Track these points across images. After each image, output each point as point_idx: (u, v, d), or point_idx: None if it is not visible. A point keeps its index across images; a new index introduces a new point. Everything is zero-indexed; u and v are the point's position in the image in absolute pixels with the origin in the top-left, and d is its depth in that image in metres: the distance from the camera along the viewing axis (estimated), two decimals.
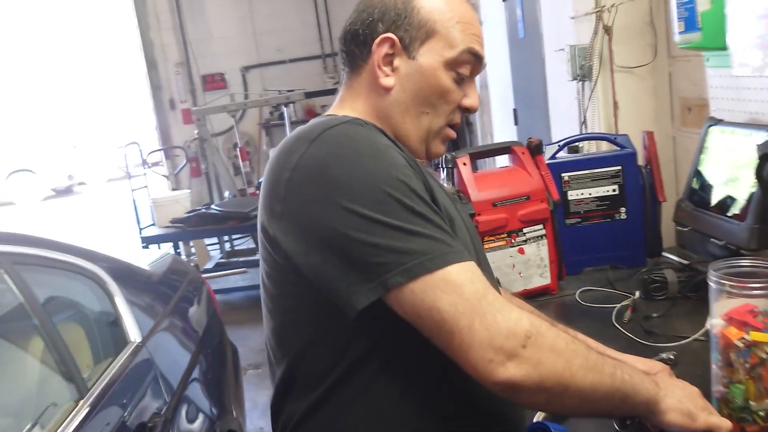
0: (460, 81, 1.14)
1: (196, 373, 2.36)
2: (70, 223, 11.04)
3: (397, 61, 1.12)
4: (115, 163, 13.23)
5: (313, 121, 1.07)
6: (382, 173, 0.97)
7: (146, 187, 6.37)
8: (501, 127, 5.70)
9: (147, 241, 5.41)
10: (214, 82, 9.04)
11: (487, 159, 3.26)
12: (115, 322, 2.02)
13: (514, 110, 5.02)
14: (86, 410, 1.60)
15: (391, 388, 1.03)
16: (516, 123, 5.03)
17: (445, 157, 1.98)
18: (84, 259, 2.00)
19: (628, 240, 2.12)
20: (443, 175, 1.99)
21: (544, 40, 3.71)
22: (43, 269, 1.82)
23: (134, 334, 2.04)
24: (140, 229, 5.72)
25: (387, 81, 1.13)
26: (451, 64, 1.12)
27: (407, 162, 1.02)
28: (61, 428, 1.50)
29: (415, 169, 1.03)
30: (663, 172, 2.14)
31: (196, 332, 2.61)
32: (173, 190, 7.88)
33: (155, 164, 8.82)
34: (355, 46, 1.15)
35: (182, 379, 2.18)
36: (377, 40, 1.12)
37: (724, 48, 1.64)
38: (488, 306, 0.93)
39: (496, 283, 1.89)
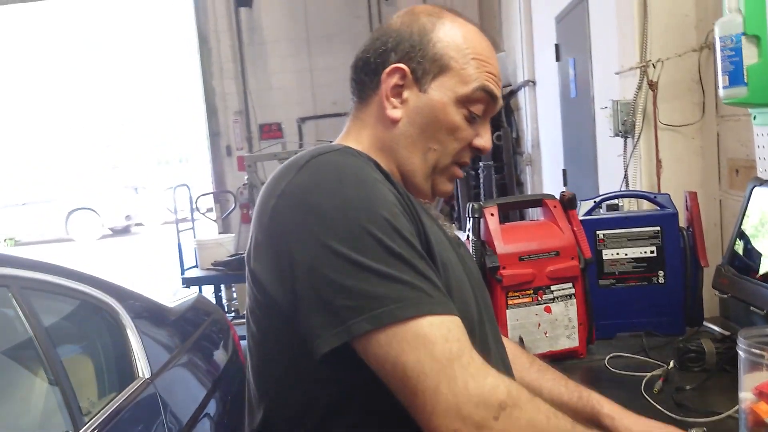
0: (472, 120, 1.09)
1: (209, 412, 2.29)
2: (119, 261, 11.28)
3: (406, 93, 1.07)
4: (167, 206, 13.55)
5: (306, 150, 1.03)
6: (363, 207, 0.91)
7: (192, 229, 6.44)
8: (550, 189, 5.59)
9: (188, 282, 5.44)
10: (271, 131, 9.21)
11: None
12: (125, 357, 1.98)
13: (564, 171, 4.92)
14: None
15: None
16: (565, 184, 4.93)
17: (472, 206, 1.91)
18: (98, 290, 1.97)
19: (666, 306, 1.98)
20: (469, 224, 1.90)
21: (594, 97, 3.64)
22: (55, 296, 1.80)
23: (143, 370, 1.99)
24: (182, 270, 5.76)
25: (394, 113, 1.08)
26: (463, 101, 1.07)
27: (397, 199, 0.95)
28: None
29: (407, 208, 0.96)
30: (707, 237, 2.02)
31: (214, 372, 2.55)
32: (221, 234, 7.97)
33: (209, 210, 8.96)
34: (365, 75, 1.11)
35: (192, 416, 2.12)
36: (387, 70, 1.07)
37: None
38: (460, 369, 0.84)
39: (518, 341, 1.81)
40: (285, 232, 0.92)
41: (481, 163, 6.48)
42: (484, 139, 1.11)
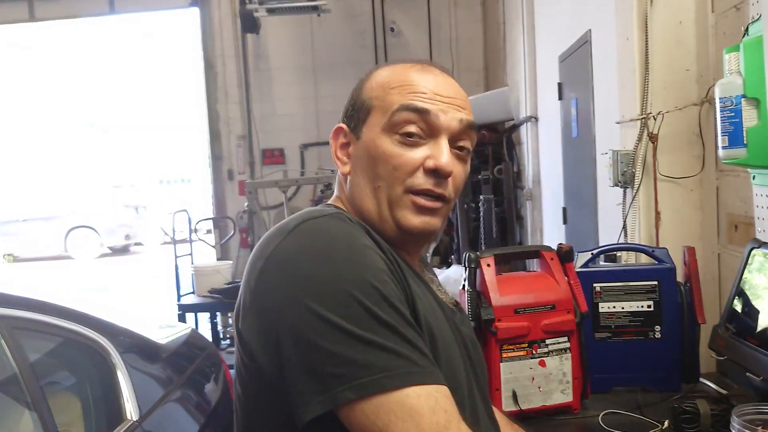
0: (414, 143, 1.05)
1: None
2: (117, 281, 11.24)
3: (351, 148, 1.11)
4: (164, 228, 13.56)
5: (297, 213, 1.03)
6: (352, 274, 0.90)
7: (190, 254, 6.43)
8: (550, 225, 5.58)
9: (183, 309, 5.41)
10: (273, 156, 9.23)
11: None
12: (114, 398, 1.95)
13: (564, 209, 4.92)
14: None
15: None
16: (565, 222, 4.92)
17: (469, 256, 1.90)
18: (90, 329, 1.96)
19: (662, 362, 1.96)
20: (465, 274, 1.89)
21: (596, 139, 3.64)
22: (45, 336, 1.79)
23: (131, 412, 1.97)
24: (179, 296, 5.73)
25: (344, 168, 1.11)
26: (389, 128, 1.05)
27: (387, 266, 0.95)
28: None
29: (396, 274, 0.96)
30: (705, 292, 2.00)
31: (206, 407, 2.53)
32: (219, 259, 7.94)
33: (207, 232, 8.95)
34: None
35: None
36: (332, 133, 1.13)
37: None
38: None
39: (511, 395, 1.79)
40: (272, 297, 0.92)
41: (481, 197, 6.48)
42: (435, 159, 1.04)
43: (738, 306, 1.74)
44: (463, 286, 1.87)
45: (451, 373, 0.99)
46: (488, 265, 1.88)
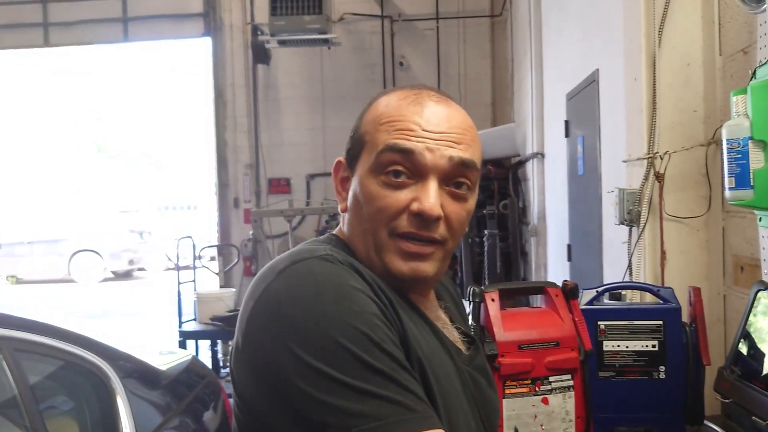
0: (400, 184, 0.98)
1: None
2: (118, 306, 11.21)
3: (350, 183, 1.05)
4: (168, 254, 13.57)
5: (291, 250, 1.00)
6: (338, 321, 0.86)
7: (194, 281, 6.42)
8: (555, 261, 5.57)
9: (185, 336, 5.40)
10: (279, 186, 9.26)
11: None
12: (112, 423, 1.94)
13: (569, 246, 4.91)
14: None
15: None
16: (569, 259, 4.91)
17: (473, 290, 1.89)
18: (92, 353, 1.95)
19: (667, 402, 1.94)
20: (469, 309, 1.88)
21: (602, 177, 3.65)
22: (45, 358, 1.78)
23: None
24: (180, 322, 5.71)
25: (341, 205, 1.07)
26: (375, 169, 0.99)
27: (379, 308, 0.91)
28: None
29: (390, 317, 0.92)
30: (711, 333, 1.99)
31: None
32: (222, 287, 7.93)
33: (211, 259, 8.95)
34: None
35: None
36: (333, 166, 1.09)
37: None
38: None
39: None
40: (261, 342, 0.90)
41: (486, 231, 6.48)
42: (420, 201, 0.97)
43: (743, 348, 1.72)
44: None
45: (448, 417, 0.96)
46: (492, 299, 1.87)
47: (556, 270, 5.36)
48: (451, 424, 0.96)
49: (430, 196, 0.97)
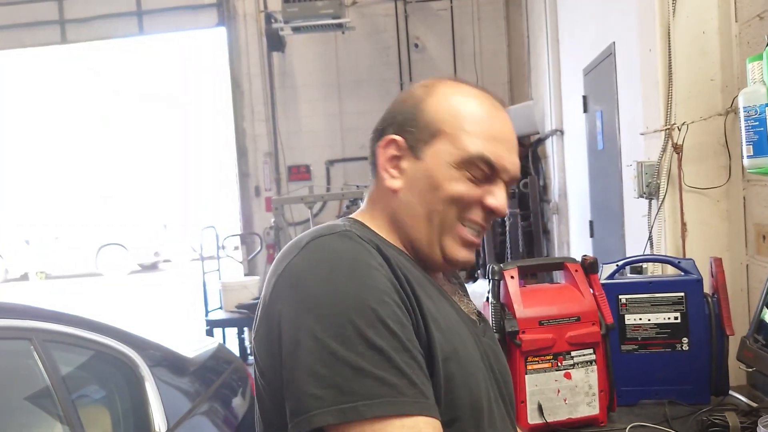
0: (477, 181, 1.06)
1: None
2: (146, 298, 11.37)
3: (404, 164, 1.07)
4: (192, 245, 13.70)
5: (314, 228, 1.04)
6: (351, 296, 0.89)
7: (218, 270, 6.49)
8: (577, 238, 5.55)
9: (211, 324, 5.46)
10: (299, 173, 9.30)
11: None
12: (142, 409, 1.98)
13: (591, 222, 4.89)
14: None
15: None
16: (592, 235, 4.89)
17: (492, 268, 1.90)
18: (119, 342, 1.99)
19: (690, 374, 1.94)
20: (489, 286, 1.89)
21: (621, 151, 3.63)
22: (76, 349, 1.82)
23: (160, 424, 1.99)
24: (206, 312, 5.79)
25: (393, 183, 1.08)
26: (461, 165, 1.05)
27: (393, 285, 0.94)
28: None
29: (403, 294, 0.94)
30: (733, 302, 1.98)
31: (233, 421, 2.55)
32: (246, 275, 8.00)
33: (235, 248, 9.03)
34: (373, 152, 1.13)
35: None
36: (382, 143, 1.09)
37: None
38: None
39: (536, 408, 1.78)
40: (279, 314, 0.93)
41: (507, 211, 6.46)
42: (497, 199, 1.06)
43: (766, 317, 1.71)
44: (487, 298, 1.88)
45: (469, 387, 0.99)
46: (512, 277, 1.88)
47: (579, 247, 5.34)
48: (472, 393, 0.99)
49: (503, 198, 1.08)
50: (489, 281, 1.90)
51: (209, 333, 5.48)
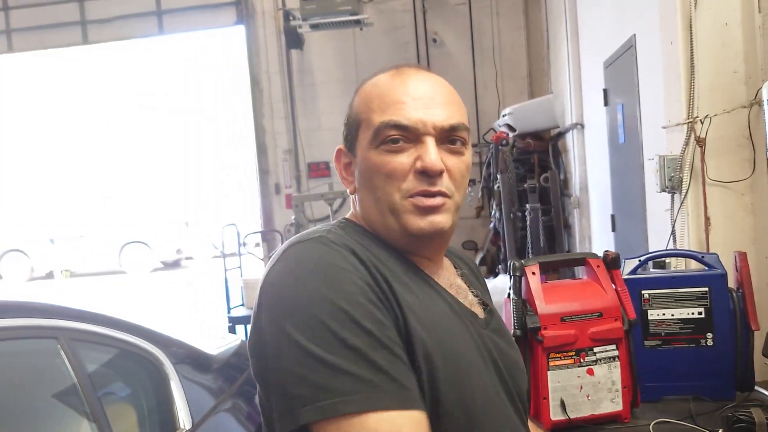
0: (399, 149, 1.06)
1: None
2: (169, 295, 11.47)
3: (352, 166, 1.14)
4: (214, 242, 13.79)
5: (294, 236, 1.09)
6: (323, 299, 0.93)
7: (240, 267, 6.53)
8: (599, 233, 5.51)
9: (233, 321, 5.50)
10: (319, 170, 9.32)
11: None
12: (167, 406, 2.01)
13: (612, 216, 4.85)
14: None
15: None
16: (614, 229, 4.85)
17: (513, 264, 1.89)
18: (144, 340, 2.02)
19: (715, 370, 1.92)
20: (510, 282, 1.89)
21: (643, 145, 3.59)
22: (101, 347, 1.85)
23: (184, 421, 2.01)
24: (228, 309, 5.83)
25: (350, 187, 1.15)
26: (375, 142, 1.08)
27: (370, 286, 0.97)
28: None
29: (380, 294, 0.97)
30: (759, 297, 1.96)
31: (257, 417, 2.57)
32: None
33: (256, 245, 9.08)
34: None
35: None
36: (334, 156, 1.17)
37: None
38: None
39: (559, 404, 1.77)
40: (260, 324, 0.98)
41: (528, 205, 6.43)
42: (424, 160, 1.05)
43: None
44: (509, 294, 1.87)
45: (457, 380, 1.00)
46: (533, 273, 1.87)
47: (601, 241, 5.30)
48: (461, 387, 1.00)
49: (431, 153, 1.06)
50: (510, 277, 1.90)
51: (231, 330, 5.52)
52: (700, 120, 2.25)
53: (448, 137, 1.08)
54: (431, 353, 0.98)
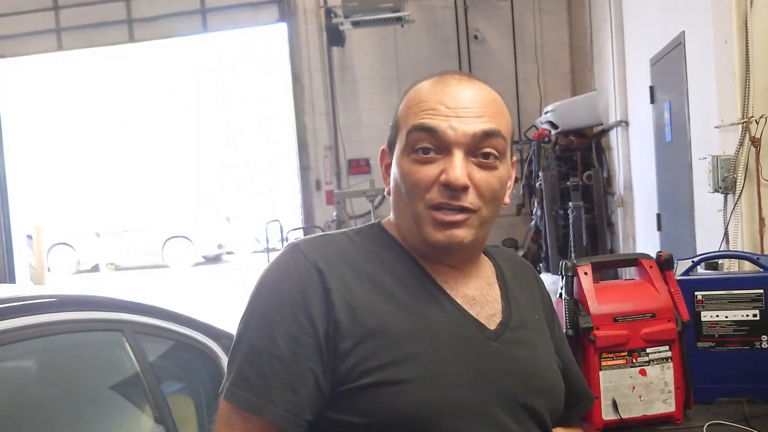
0: (428, 160, 1.07)
1: None
2: (211, 288, 11.65)
3: (391, 168, 1.15)
4: (257, 237, 13.94)
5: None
6: (262, 305, 1.06)
7: None
8: (643, 232, 5.45)
9: None
10: (359, 166, 9.37)
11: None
12: None
13: (658, 215, 4.80)
14: None
15: None
16: (659, 229, 4.80)
17: (565, 264, 1.90)
18: (201, 333, 2.07)
19: None
20: (561, 282, 1.89)
21: (691, 143, 3.55)
22: (160, 339, 1.91)
23: None
24: None
25: (386, 188, 1.17)
26: (406, 149, 1.09)
27: (306, 299, 1.03)
28: None
29: (319, 310, 1.03)
30: None
31: None
32: None
33: None
34: None
35: None
36: (379, 154, 1.19)
37: None
38: None
39: (611, 404, 1.77)
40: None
41: (570, 203, 6.39)
42: (448, 174, 1.05)
43: None
44: (560, 294, 1.88)
45: (413, 392, 1.01)
46: (585, 273, 1.88)
47: (646, 240, 5.25)
48: (415, 399, 1.01)
49: (456, 167, 1.05)
50: (562, 277, 1.90)
51: None
52: (755, 120, 2.23)
53: (480, 149, 1.07)
54: (387, 365, 1.01)
